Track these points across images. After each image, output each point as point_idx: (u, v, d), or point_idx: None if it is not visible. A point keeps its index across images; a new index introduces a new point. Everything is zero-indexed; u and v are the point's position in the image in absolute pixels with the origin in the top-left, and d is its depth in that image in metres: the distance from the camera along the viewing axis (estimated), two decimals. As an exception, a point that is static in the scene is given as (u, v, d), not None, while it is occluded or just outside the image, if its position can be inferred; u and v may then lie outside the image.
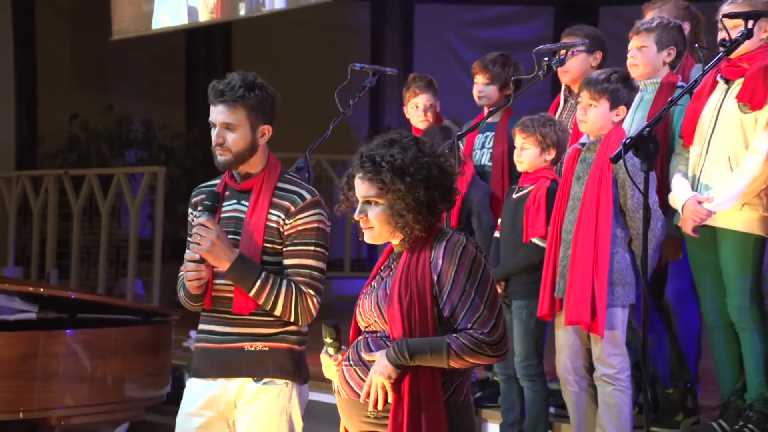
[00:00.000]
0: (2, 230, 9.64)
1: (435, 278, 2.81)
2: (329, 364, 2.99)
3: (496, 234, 4.61)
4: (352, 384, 2.89)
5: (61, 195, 9.19)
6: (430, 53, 10.04)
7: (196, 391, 3.44)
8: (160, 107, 10.21)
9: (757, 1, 4.05)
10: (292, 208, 3.34)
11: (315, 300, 3.33)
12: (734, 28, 3.94)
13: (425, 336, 2.80)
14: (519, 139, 4.43)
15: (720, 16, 4.08)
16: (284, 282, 3.31)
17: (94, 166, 9.43)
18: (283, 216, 3.34)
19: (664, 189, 4.31)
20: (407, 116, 5.30)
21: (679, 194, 4.21)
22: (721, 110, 4.17)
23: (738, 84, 4.13)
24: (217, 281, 3.36)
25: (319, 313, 3.37)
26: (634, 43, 4.46)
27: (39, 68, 10.13)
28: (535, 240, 4.40)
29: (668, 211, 4.32)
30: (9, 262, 9.51)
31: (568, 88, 4.86)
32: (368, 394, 2.81)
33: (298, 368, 3.41)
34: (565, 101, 4.91)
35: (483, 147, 5.00)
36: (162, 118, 9.96)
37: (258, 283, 3.28)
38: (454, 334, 2.77)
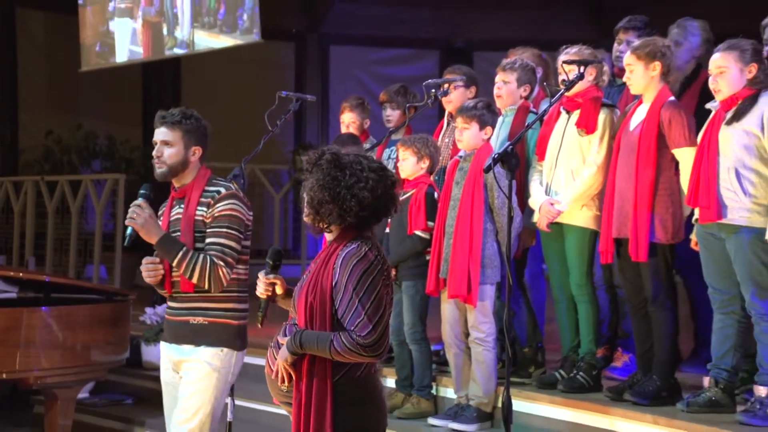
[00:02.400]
0: (-13, 225, 9.44)
1: (333, 283, 2.68)
2: (260, 282, 2.87)
3: (387, 230, 4.60)
4: (270, 362, 2.80)
5: (38, 197, 8.95)
6: (343, 84, 10.04)
7: (164, 351, 3.54)
8: (121, 125, 10.00)
9: (583, 52, 4.19)
10: (212, 202, 3.38)
11: (225, 270, 3.33)
12: (570, 72, 4.04)
13: (323, 328, 2.68)
14: (401, 153, 4.49)
15: (560, 63, 4.20)
16: (201, 255, 3.33)
17: (66, 174, 9.22)
18: (206, 209, 3.38)
19: (521, 192, 4.40)
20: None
21: (536, 198, 4.33)
22: (565, 134, 4.28)
23: (575, 114, 4.25)
24: (174, 271, 3.40)
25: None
26: (500, 78, 4.55)
27: (20, 93, 9.84)
28: (417, 232, 4.43)
29: (525, 210, 4.42)
30: (-7, 251, 9.27)
31: (450, 114, 4.91)
32: (277, 373, 2.74)
33: (234, 339, 3.41)
34: (448, 124, 4.96)
35: (389, 158, 5.01)
36: (123, 134, 9.75)
37: (180, 254, 3.31)
38: (340, 332, 2.64)
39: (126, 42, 8.64)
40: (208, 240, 3.36)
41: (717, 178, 3.77)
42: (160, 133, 3.43)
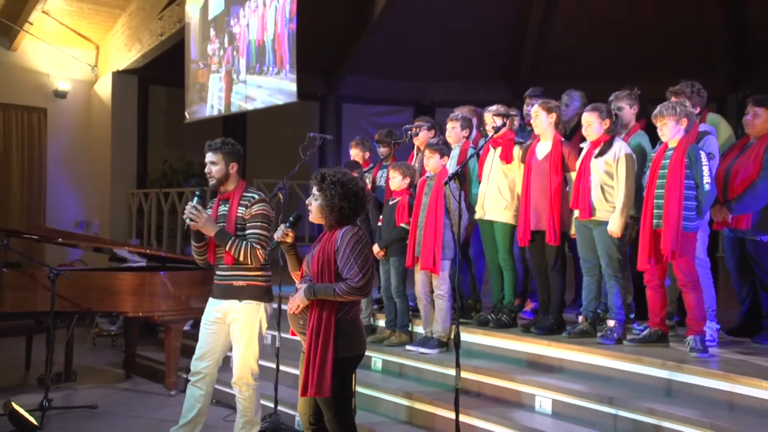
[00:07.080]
0: (129, 220, 9.36)
1: (336, 250, 2.67)
2: (279, 230, 2.82)
3: (379, 224, 4.56)
4: (291, 305, 2.76)
5: (158, 203, 8.91)
6: (351, 129, 10.02)
7: (212, 303, 3.43)
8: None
9: (500, 110, 4.18)
10: (249, 204, 3.31)
11: (260, 251, 3.27)
12: (497, 121, 4.05)
13: (330, 281, 2.66)
14: (391, 173, 4.44)
15: (490, 116, 4.19)
16: (244, 241, 3.27)
17: (175, 187, 9.17)
18: (244, 209, 3.32)
19: (467, 199, 4.36)
20: None
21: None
22: (493, 164, 4.27)
23: (499, 150, 4.24)
24: (218, 249, 3.33)
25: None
26: (449, 125, 4.52)
27: (149, 138, 9.90)
28: (402, 224, 4.39)
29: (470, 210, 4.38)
30: (133, 236, 9.24)
31: (418, 148, 4.87)
32: (291, 309, 2.71)
33: (265, 295, 3.36)
34: (416, 154, 4.92)
35: (382, 177, 4.94)
36: (210, 161, 9.70)
37: (230, 241, 3.25)
38: (340, 282, 2.64)
39: (209, 98, 8.64)
40: (249, 231, 3.26)
41: (589, 191, 3.82)
42: (208, 156, 3.34)
